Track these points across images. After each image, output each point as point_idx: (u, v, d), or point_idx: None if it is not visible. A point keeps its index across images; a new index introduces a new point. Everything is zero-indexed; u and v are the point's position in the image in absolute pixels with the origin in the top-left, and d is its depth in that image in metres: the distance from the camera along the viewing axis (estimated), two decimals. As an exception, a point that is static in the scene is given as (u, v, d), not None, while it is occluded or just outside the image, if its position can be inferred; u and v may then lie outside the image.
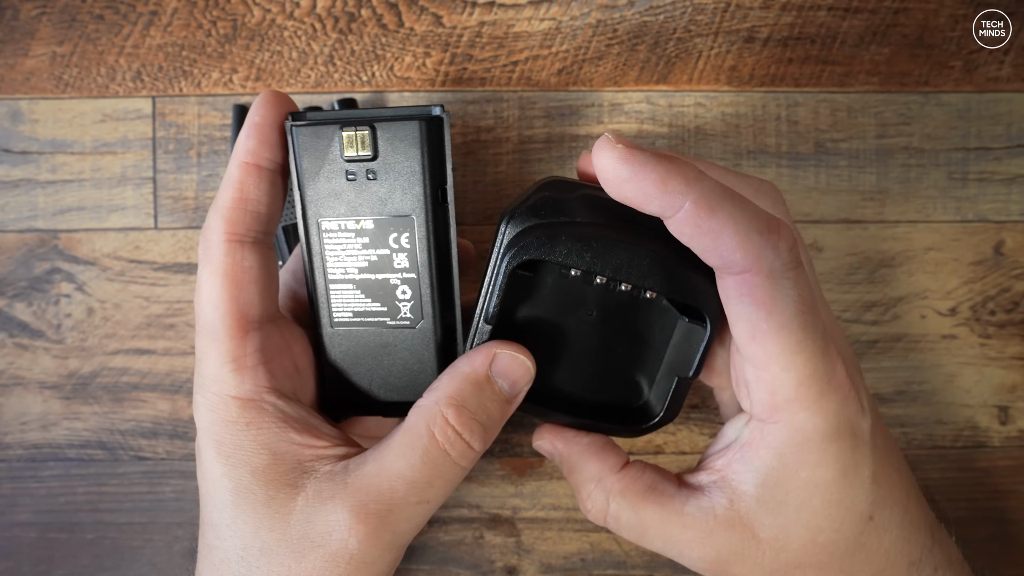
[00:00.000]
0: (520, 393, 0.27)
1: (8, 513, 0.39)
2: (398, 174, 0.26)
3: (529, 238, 0.25)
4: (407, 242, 0.27)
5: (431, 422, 0.25)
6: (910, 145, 0.40)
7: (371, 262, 0.27)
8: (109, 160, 0.39)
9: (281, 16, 0.38)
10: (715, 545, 0.25)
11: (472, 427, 0.25)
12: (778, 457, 0.25)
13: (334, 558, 0.24)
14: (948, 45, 0.40)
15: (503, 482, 0.40)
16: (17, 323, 0.39)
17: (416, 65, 0.39)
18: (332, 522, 0.24)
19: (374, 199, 0.26)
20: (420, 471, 0.25)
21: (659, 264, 0.25)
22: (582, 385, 0.29)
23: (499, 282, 0.26)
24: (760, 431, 0.25)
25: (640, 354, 0.28)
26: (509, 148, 0.39)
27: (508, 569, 0.40)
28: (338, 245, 0.27)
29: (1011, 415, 0.40)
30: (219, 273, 0.25)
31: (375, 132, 0.26)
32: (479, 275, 0.27)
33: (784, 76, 0.39)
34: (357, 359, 0.28)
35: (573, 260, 0.25)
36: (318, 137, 0.26)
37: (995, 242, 0.40)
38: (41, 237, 0.39)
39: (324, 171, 0.26)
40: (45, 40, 0.38)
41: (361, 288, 0.28)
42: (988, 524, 0.41)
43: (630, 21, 0.39)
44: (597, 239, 0.25)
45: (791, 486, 0.25)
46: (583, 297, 0.28)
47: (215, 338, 0.25)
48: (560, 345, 0.28)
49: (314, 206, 0.27)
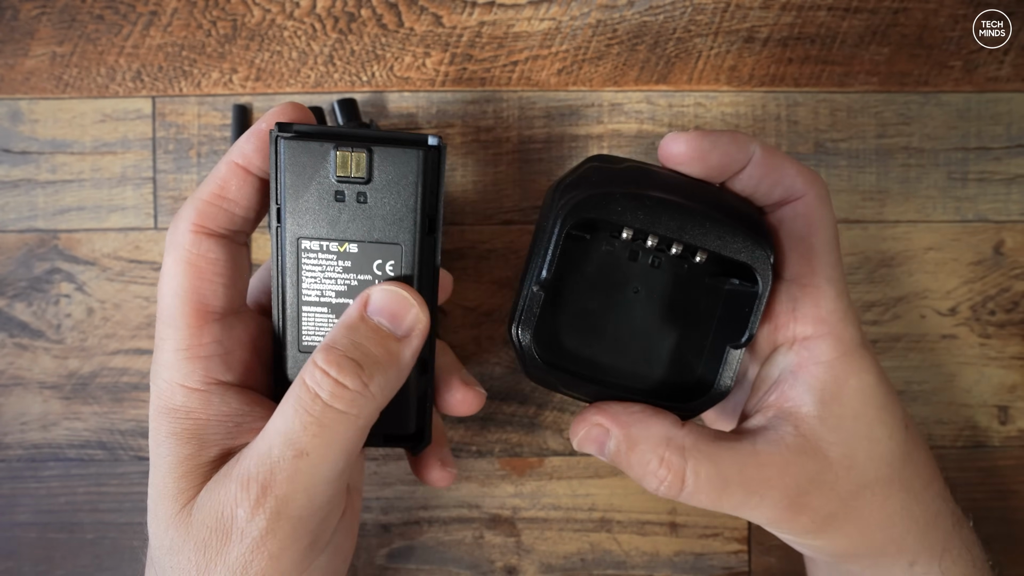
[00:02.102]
0: (412, 329, 0.25)
1: (8, 513, 0.39)
2: (391, 200, 0.26)
3: (583, 197, 0.25)
4: (392, 270, 0.26)
5: (303, 371, 0.24)
6: (910, 145, 0.40)
7: (350, 287, 0.26)
8: (109, 160, 0.39)
9: (281, 16, 0.38)
10: (793, 476, 0.25)
11: (342, 364, 0.24)
12: (829, 369, 0.26)
13: (230, 539, 0.23)
14: (948, 45, 0.40)
15: (503, 482, 0.40)
16: (17, 323, 0.39)
17: (416, 65, 0.39)
18: (224, 502, 0.23)
19: (362, 223, 0.26)
20: (292, 420, 0.23)
21: (712, 222, 0.26)
22: (631, 365, 0.28)
23: (554, 241, 0.25)
24: (807, 350, 0.27)
25: (687, 332, 0.28)
26: (509, 148, 0.39)
27: (508, 569, 0.40)
28: (317, 266, 0.26)
29: (1011, 415, 0.40)
30: (181, 261, 0.25)
31: (372, 155, 0.25)
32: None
33: (784, 76, 0.39)
34: None
35: (627, 219, 0.25)
36: (309, 153, 0.25)
37: (995, 242, 0.40)
38: (41, 237, 0.39)
39: (311, 189, 0.25)
40: (45, 40, 0.38)
41: (336, 313, 0.27)
42: (988, 524, 0.41)
43: (630, 21, 0.39)
44: (650, 199, 0.25)
45: (845, 396, 0.26)
46: (628, 276, 0.28)
47: (172, 325, 0.25)
48: (607, 324, 0.28)
49: (295, 224, 0.26)
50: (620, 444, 0.26)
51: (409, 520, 0.40)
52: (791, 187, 0.27)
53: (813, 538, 0.28)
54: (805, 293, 0.27)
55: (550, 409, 0.40)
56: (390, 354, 0.25)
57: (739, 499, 0.26)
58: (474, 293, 0.39)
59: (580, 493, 0.40)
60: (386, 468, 0.40)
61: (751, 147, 0.27)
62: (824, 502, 0.26)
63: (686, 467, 0.25)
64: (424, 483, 0.31)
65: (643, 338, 0.28)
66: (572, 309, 0.28)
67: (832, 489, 0.26)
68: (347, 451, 0.24)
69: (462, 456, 0.40)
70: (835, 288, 0.27)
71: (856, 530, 0.27)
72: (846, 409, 0.26)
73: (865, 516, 0.27)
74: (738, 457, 0.25)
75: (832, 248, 0.27)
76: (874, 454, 0.26)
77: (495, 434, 0.40)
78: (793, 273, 0.27)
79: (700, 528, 0.40)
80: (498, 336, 0.39)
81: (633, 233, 0.26)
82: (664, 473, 0.25)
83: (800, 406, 0.26)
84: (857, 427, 0.26)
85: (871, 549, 0.28)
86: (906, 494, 0.27)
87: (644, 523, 0.40)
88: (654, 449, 0.26)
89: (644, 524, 0.40)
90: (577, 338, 0.28)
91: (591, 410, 0.27)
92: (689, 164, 0.26)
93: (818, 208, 0.27)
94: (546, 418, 0.40)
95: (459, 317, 0.39)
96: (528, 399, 0.40)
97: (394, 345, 0.25)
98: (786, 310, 0.27)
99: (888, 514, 0.27)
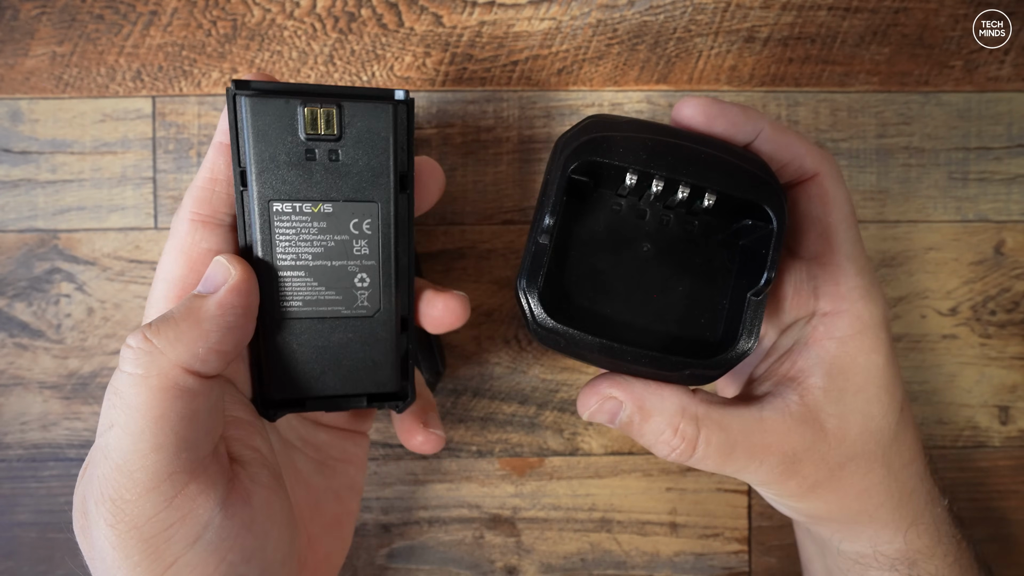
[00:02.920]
0: (219, 284, 0.24)
1: (8, 513, 0.39)
2: (365, 157, 0.25)
3: (585, 138, 0.25)
4: (369, 228, 0.26)
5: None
6: (910, 145, 0.40)
7: (327, 248, 0.25)
8: (109, 160, 0.39)
9: (281, 16, 0.38)
10: (791, 443, 0.26)
11: (135, 331, 0.23)
12: (841, 345, 0.27)
13: (86, 536, 0.24)
14: (948, 45, 0.40)
15: (503, 482, 0.40)
16: (17, 323, 0.39)
17: (416, 65, 0.39)
18: (76, 505, 0.25)
19: (336, 182, 0.25)
20: (107, 398, 0.23)
21: (717, 161, 0.25)
22: (643, 323, 0.27)
23: (557, 184, 0.24)
24: (824, 325, 0.27)
25: (701, 289, 0.27)
26: (509, 148, 0.39)
27: (508, 569, 0.40)
28: (291, 230, 0.25)
29: (1011, 415, 0.40)
30: (175, 249, 0.26)
31: (342, 110, 0.24)
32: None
33: (784, 76, 0.39)
34: (305, 351, 0.27)
35: (630, 160, 0.24)
36: (274, 111, 0.24)
37: (995, 242, 0.40)
38: (41, 237, 0.39)
39: (280, 148, 0.24)
40: (45, 40, 0.38)
41: (314, 275, 0.26)
42: (988, 524, 0.41)
43: (630, 21, 0.39)
44: (653, 140, 0.25)
45: (851, 372, 0.27)
46: (636, 235, 0.27)
47: (155, 305, 0.26)
48: (616, 283, 0.27)
49: (264, 187, 0.24)
50: (633, 415, 0.26)
51: (409, 520, 0.40)
52: (802, 165, 0.28)
53: (795, 501, 0.29)
54: (825, 271, 0.27)
55: (550, 409, 0.40)
56: (188, 309, 0.24)
57: (742, 463, 0.26)
58: (474, 293, 0.39)
59: (580, 493, 0.40)
60: (386, 468, 0.40)
61: (760, 122, 0.27)
62: (813, 470, 0.27)
63: (699, 436, 0.26)
64: (410, 448, 0.31)
65: (654, 296, 0.27)
66: (580, 270, 0.27)
67: (823, 459, 0.27)
68: (153, 414, 0.22)
69: (462, 456, 0.40)
70: (855, 265, 0.27)
71: (835, 498, 0.28)
72: (849, 384, 0.27)
73: (846, 486, 0.28)
74: (745, 424, 0.26)
75: (850, 225, 0.28)
76: (866, 430, 0.27)
77: (495, 434, 0.40)
78: (812, 252, 0.28)
79: (700, 528, 0.40)
80: (498, 336, 0.39)
81: (637, 179, 0.25)
82: (678, 442, 0.26)
83: (808, 376, 0.27)
84: (856, 402, 0.27)
85: (845, 516, 0.29)
86: (886, 470, 0.28)
87: (644, 523, 0.40)
88: (669, 420, 0.26)
89: (644, 524, 0.40)
90: (586, 298, 0.27)
91: (602, 382, 0.27)
92: (696, 122, 0.27)
93: (832, 186, 0.28)
94: (546, 418, 0.40)
95: (459, 317, 0.39)
96: (528, 399, 0.40)
97: (195, 300, 0.24)
98: (807, 288, 0.28)
99: (866, 487, 0.28)
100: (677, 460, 0.26)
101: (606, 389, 0.26)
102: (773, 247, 0.25)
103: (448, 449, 0.40)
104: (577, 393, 0.40)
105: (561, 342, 0.25)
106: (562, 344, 0.25)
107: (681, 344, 0.27)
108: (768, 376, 0.29)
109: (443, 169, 0.30)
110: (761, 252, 0.25)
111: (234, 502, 0.24)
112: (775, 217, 0.25)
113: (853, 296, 0.27)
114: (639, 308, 0.27)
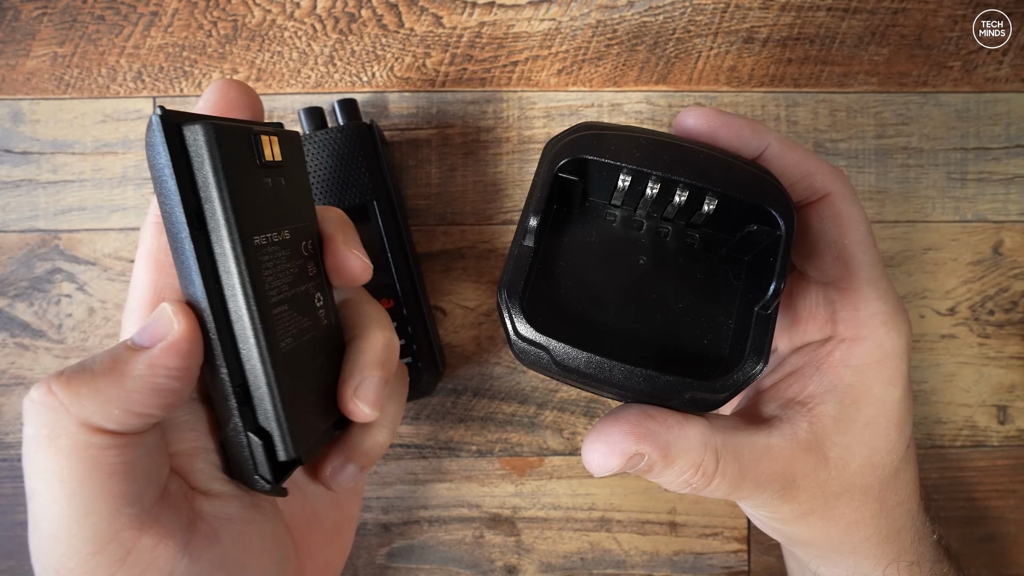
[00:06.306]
0: (156, 340, 0.21)
1: (10, 512, 0.39)
2: (297, 181, 0.25)
3: (574, 137, 0.23)
4: (312, 248, 0.26)
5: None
6: (909, 145, 0.40)
7: (295, 276, 0.24)
8: (110, 160, 0.39)
9: (281, 17, 0.38)
10: (793, 470, 0.25)
11: (43, 380, 0.21)
12: (857, 374, 0.26)
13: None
14: (947, 45, 0.40)
15: (503, 482, 0.40)
16: (18, 323, 0.39)
17: (416, 65, 0.39)
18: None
19: (289, 207, 0.24)
20: (23, 460, 0.22)
21: (717, 161, 0.23)
22: (641, 343, 0.24)
23: (542, 182, 0.23)
24: (840, 351, 0.26)
25: (702, 307, 0.25)
26: (509, 148, 0.39)
27: (508, 569, 0.40)
28: (271, 263, 0.23)
29: (1010, 415, 0.40)
30: (146, 255, 0.25)
31: (280, 137, 0.24)
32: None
33: (783, 76, 0.39)
34: (306, 385, 0.24)
35: (623, 157, 0.23)
36: (239, 140, 0.22)
37: (994, 242, 0.40)
38: (42, 237, 0.39)
39: (249, 180, 0.22)
40: (46, 41, 0.38)
41: (292, 305, 0.24)
42: (988, 524, 0.41)
43: (630, 21, 0.39)
44: (646, 138, 0.23)
45: (864, 403, 0.26)
46: (631, 246, 0.25)
47: (130, 317, 0.25)
48: (609, 299, 0.25)
49: (246, 221, 0.22)
50: (655, 464, 0.24)
51: (409, 520, 0.40)
52: (812, 184, 0.26)
53: (784, 525, 0.28)
54: (844, 296, 0.26)
55: (550, 409, 0.40)
56: (113, 361, 0.21)
57: (749, 492, 0.25)
58: (474, 293, 0.39)
59: (580, 493, 0.40)
60: (386, 468, 0.40)
61: (767, 137, 0.26)
62: (809, 497, 0.26)
63: (716, 472, 0.24)
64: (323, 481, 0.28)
65: (650, 314, 0.25)
66: (569, 284, 0.25)
67: (820, 487, 0.26)
68: (74, 478, 0.20)
69: (462, 456, 0.40)
70: (876, 290, 0.26)
71: (822, 526, 0.27)
72: (861, 415, 0.26)
73: (836, 516, 0.27)
74: (755, 451, 0.25)
75: (868, 246, 0.26)
76: (868, 463, 0.26)
77: (495, 434, 0.40)
78: (829, 277, 0.26)
79: (700, 528, 0.40)
80: (498, 336, 0.40)
81: (631, 181, 0.23)
82: (697, 480, 0.24)
83: (819, 404, 0.26)
84: (864, 434, 0.26)
85: (827, 544, 0.28)
86: (880, 505, 0.27)
87: (644, 522, 0.40)
88: (693, 460, 0.24)
89: (644, 524, 0.40)
90: (574, 315, 0.25)
91: (613, 432, 0.24)
92: (699, 133, 0.26)
93: (847, 206, 0.26)
94: (546, 418, 0.40)
95: (459, 317, 0.39)
96: (528, 399, 0.40)
97: (124, 353, 0.21)
98: (823, 313, 0.27)
99: (856, 519, 0.27)
100: (689, 493, 0.25)
101: (627, 446, 0.23)
102: (781, 253, 0.22)
103: (448, 449, 0.40)
104: (577, 393, 0.40)
105: (544, 358, 0.23)
106: (545, 361, 0.23)
107: (680, 366, 0.24)
108: (776, 396, 0.27)
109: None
110: (768, 263, 0.23)
111: (198, 544, 0.22)
112: (782, 221, 0.23)
113: (874, 323, 0.26)
114: (634, 327, 0.24)
